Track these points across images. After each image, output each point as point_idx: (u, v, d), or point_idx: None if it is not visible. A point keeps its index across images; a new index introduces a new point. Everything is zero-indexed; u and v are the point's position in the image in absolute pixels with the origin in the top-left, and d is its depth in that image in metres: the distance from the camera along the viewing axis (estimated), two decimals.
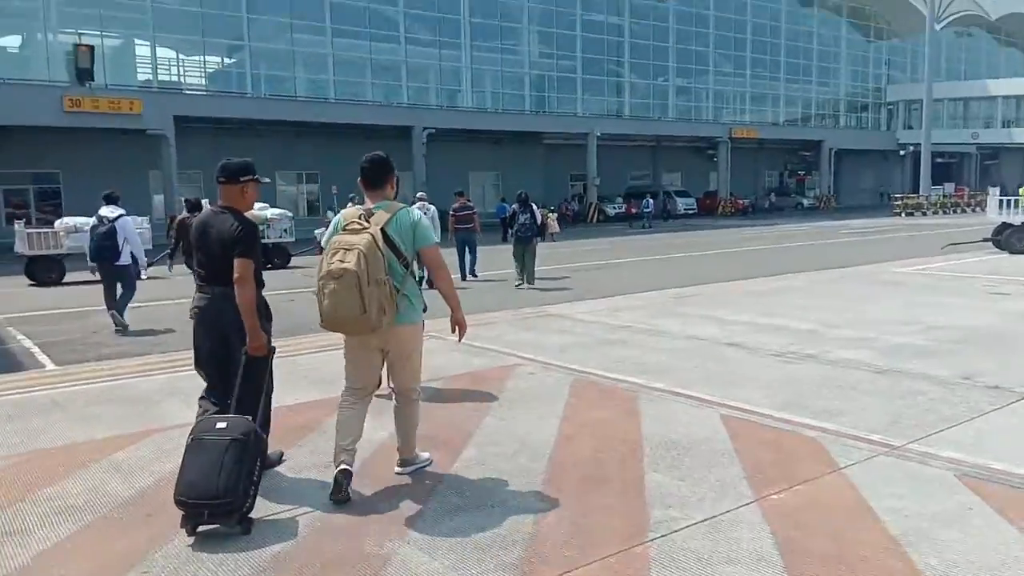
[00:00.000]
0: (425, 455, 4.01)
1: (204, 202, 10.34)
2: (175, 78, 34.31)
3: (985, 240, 16.09)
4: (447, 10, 39.07)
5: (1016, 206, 15.70)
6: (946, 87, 55.04)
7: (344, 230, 3.55)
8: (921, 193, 43.35)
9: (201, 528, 3.24)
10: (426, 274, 4.22)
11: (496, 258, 16.47)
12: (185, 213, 10.74)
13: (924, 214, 40.53)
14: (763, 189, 55.56)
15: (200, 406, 3.83)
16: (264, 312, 3.81)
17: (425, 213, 15.86)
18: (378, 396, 4.31)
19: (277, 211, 20.16)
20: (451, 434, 4.49)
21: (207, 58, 34.97)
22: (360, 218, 3.59)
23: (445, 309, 3.83)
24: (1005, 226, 15.62)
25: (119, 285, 8.93)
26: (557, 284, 12.90)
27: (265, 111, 33.13)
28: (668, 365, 6.19)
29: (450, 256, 17.13)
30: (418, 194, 17.03)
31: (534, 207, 13.40)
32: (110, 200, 8.91)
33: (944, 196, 44.64)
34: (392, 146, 36.27)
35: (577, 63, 44.47)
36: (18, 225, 15.88)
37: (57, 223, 15.86)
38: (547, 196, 38.98)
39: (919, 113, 61.31)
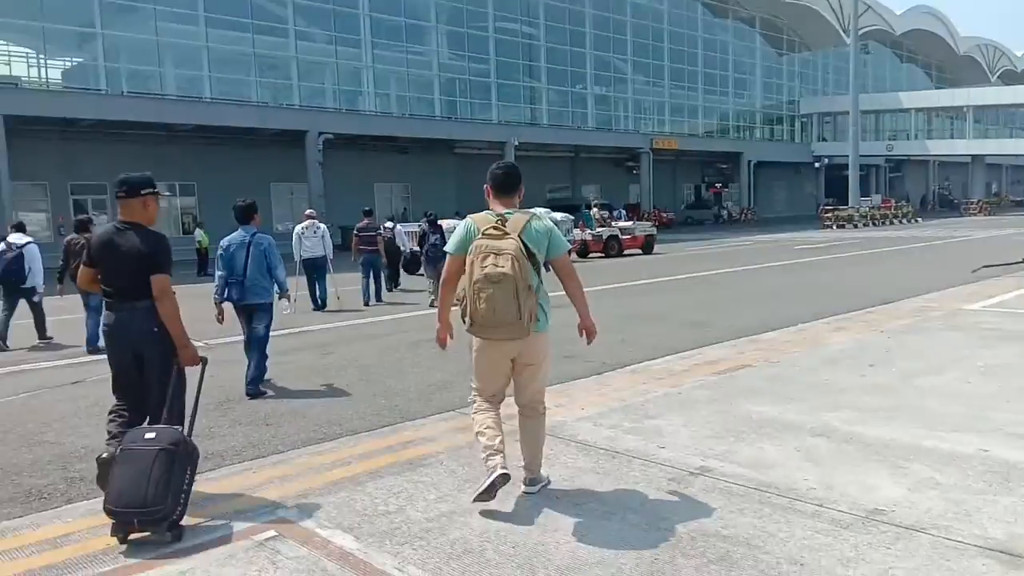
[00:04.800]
0: (546, 473, 3.86)
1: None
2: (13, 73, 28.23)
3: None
4: (343, 3, 34.42)
5: None
6: (862, 100, 54.37)
7: (484, 235, 3.50)
8: (851, 205, 41.64)
9: (133, 536, 3.28)
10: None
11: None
12: (73, 234, 9.58)
13: (855, 226, 38.67)
14: (681, 202, 53.34)
15: (109, 419, 3.85)
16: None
17: (315, 234, 12.03)
18: None
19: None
20: None
21: (50, 48, 28.90)
22: (497, 223, 3.54)
23: None
24: None
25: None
26: None
27: (125, 111, 27.48)
28: None
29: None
30: (307, 211, 13.05)
31: (443, 226, 13.14)
32: (18, 228, 9.94)
33: (872, 208, 43.22)
34: (282, 154, 31.52)
35: (491, 67, 40.69)
36: None
37: None
38: (462, 210, 34.77)
39: (831, 125, 61.10)
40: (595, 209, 24.10)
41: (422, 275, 13.64)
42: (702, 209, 51.61)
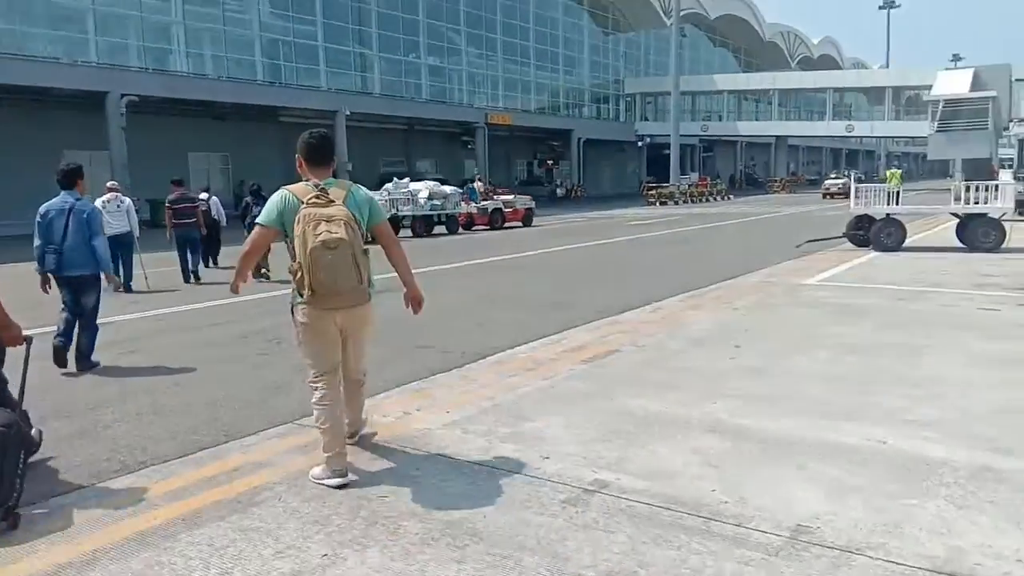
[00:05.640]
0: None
1: None
2: None
3: (843, 236, 13.80)
4: None
5: (878, 196, 13.53)
6: (681, 81, 57.07)
7: (310, 204, 3.39)
8: (671, 183, 43.70)
9: None
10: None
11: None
12: None
13: (676, 203, 40.61)
14: (515, 178, 53.62)
15: None
16: None
17: (118, 208, 10.48)
18: None
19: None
20: None
21: None
22: (320, 192, 3.45)
23: None
24: (864, 219, 13.38)
25: None
26: None
27: None
28: None
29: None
30: (108, 183, 11.42)
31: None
32: None
33: (691, 186, 45.67)
34: (77, 117, 27.86)
35: (318, 30, 38.28)
36: None
37: None
38: (289, 182, 32.50)
39: (652, 106, 63.78)
40: (479, 183, 26.66)
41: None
42: (536, 185, 52.10)
